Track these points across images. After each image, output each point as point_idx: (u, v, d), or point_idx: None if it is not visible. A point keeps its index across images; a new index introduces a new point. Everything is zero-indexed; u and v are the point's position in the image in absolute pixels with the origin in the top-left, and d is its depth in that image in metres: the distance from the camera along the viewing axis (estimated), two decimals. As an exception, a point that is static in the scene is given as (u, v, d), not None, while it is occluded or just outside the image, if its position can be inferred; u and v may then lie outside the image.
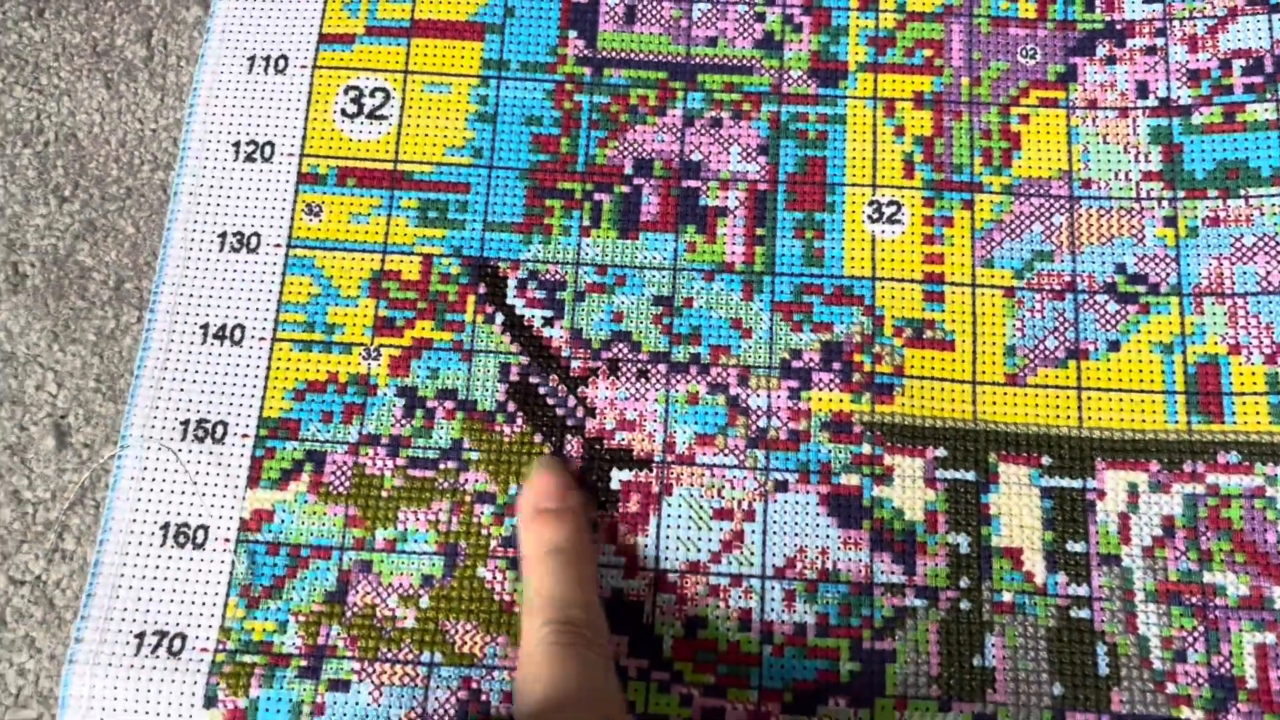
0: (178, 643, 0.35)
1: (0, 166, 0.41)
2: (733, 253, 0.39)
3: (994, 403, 0.37)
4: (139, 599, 0.35)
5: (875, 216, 0.39)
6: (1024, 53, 0.41)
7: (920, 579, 0.35)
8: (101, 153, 0.41)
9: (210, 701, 0.34)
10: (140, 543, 0.36)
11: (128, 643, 0.35)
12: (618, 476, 0.37)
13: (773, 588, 0.35)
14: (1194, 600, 0.35)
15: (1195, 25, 0.41)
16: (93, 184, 0.41)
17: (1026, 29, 0.41)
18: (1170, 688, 0.34)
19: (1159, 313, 0.38)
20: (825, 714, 0.34)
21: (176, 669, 0.34)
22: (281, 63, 0.41)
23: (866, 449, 0.37)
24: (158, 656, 0.35)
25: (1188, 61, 0.40)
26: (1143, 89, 0.40)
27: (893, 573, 0.35)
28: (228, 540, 0.36)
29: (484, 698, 0.34)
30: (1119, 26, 0.41)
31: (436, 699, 0.34)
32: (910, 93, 0.41)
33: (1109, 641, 0.34)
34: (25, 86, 0.42)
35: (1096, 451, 0.36)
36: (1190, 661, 0.34)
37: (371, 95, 0.41)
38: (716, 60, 0.41)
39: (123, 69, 0.42)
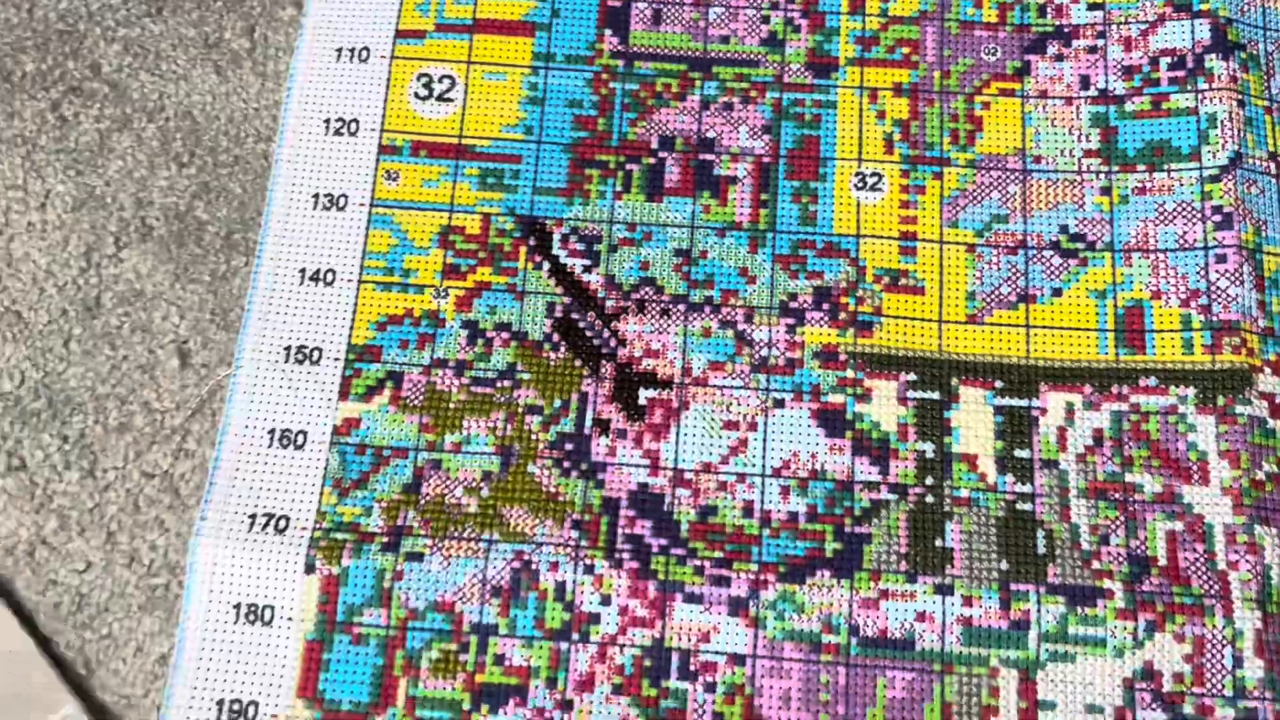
0: (283, 523, 0.42)
1: (129, 138, 0.49)
2: (741, 214, 0.47)
3: (956, 338, 0.45)
4: (251, 488, 0.43)
5: (860, 185, 0.47)
6: (986, 51, 0.49)
7: (893, 478, 0.43)
8: (213, 127, 0.49)
9: (309, 569, 0.41)
10: (252, 443, 0.44)
11: (242, 522, 0.42)
12: (644, 395, 0.44)
13: (771, 484, 0.43)
14: (1117, 496, 0.42)
15: (1130, 29, 0.48)
16: (206, 153, 0.49)
17: (989, 31, 0.49)
18: (1095, 564, 0.41)
19: (1095, 265, 0.45)
20: (813, 583, 0.41)
21: (282, 543, 0.42)
22: (364, 54, 0.49)
23: (850, 374, 0.44)
24: (266, 533, 0.42)
25: (1123, 59, 0.48)
26: (1085, 81, 0.48)
27: (870, 473, 0.43)
28: (323, 442, 0.44)
29: (534, 566, 0.42)
30: (1066, 29, 0.49)
31: (494, 567, 0.42)
32: (891, 83, 0.49)
33: (1047, 528, 0.42)
34: (149, 72, 0.50)
35: (1040, 377, 0.44)
36: (1112, 544, 0.41)
37: (440, 81, 0.49)
38: (729, 55, 0.49)
39: (230, 58, 0.50)
